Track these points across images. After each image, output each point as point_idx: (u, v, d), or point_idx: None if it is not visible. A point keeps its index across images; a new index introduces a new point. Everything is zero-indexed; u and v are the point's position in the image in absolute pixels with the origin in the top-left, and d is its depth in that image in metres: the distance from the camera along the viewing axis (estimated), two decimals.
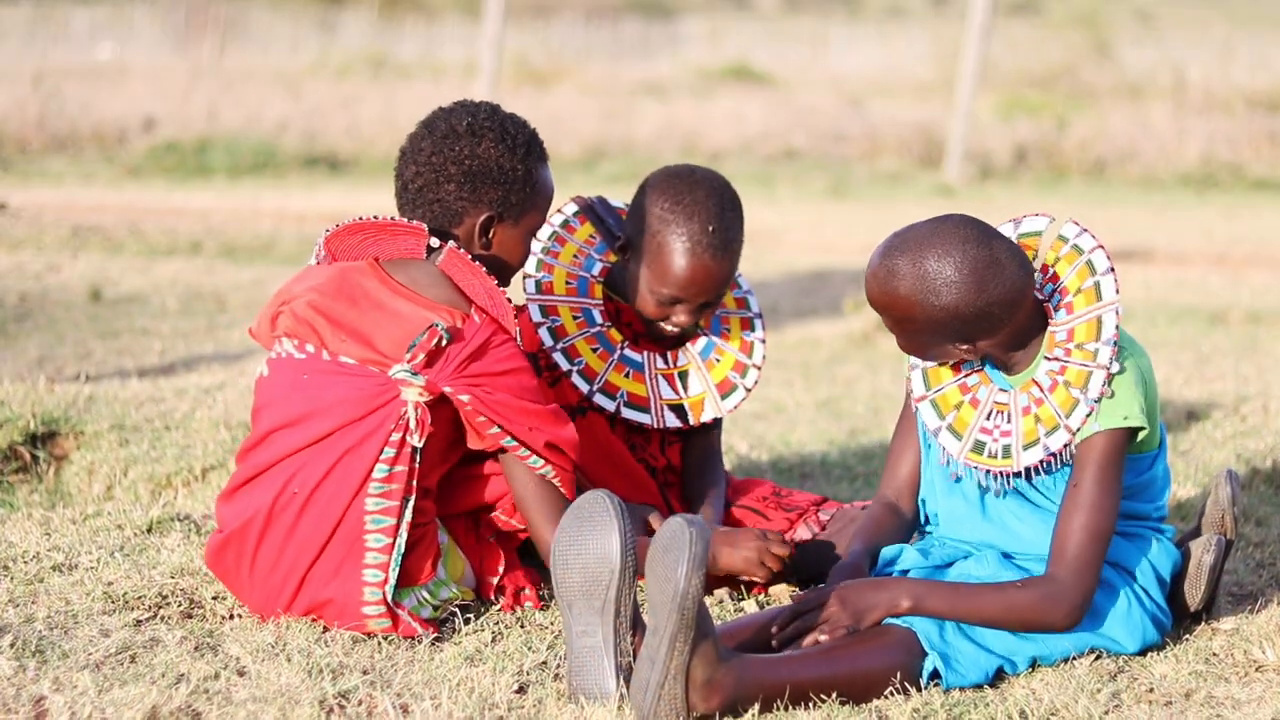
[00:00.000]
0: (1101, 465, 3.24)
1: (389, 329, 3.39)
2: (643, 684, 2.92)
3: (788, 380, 6.49)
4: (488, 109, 3.57)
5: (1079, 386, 3.27)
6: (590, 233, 4.03)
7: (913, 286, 3.21)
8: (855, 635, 3.17)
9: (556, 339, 3.89)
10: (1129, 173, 15.47)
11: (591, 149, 15.12)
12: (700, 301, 3.88)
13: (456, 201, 3.51)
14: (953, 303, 3.20)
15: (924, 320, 3.24)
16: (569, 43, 21.27)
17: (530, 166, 3.55)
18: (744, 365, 4.03)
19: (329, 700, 3.00)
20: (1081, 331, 3.30)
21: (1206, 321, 8.18)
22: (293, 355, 3.44)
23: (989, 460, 3.36)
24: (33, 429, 4.78)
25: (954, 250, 3.19)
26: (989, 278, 3.20)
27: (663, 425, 3.94)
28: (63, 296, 7.68)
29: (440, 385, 3.36)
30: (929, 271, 3.19)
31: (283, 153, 14.21)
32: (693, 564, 2.88)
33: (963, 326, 3.24)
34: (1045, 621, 3.22)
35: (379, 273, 3.47)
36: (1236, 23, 21.57)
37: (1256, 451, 5.06)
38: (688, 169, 3.92)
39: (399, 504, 3.36)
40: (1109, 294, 3.31)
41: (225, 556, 3.44)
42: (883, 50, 21.40)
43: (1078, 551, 3.20)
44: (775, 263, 9.91)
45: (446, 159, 3.50)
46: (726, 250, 3.85)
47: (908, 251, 3.22)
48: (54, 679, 3.03)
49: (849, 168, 15.57)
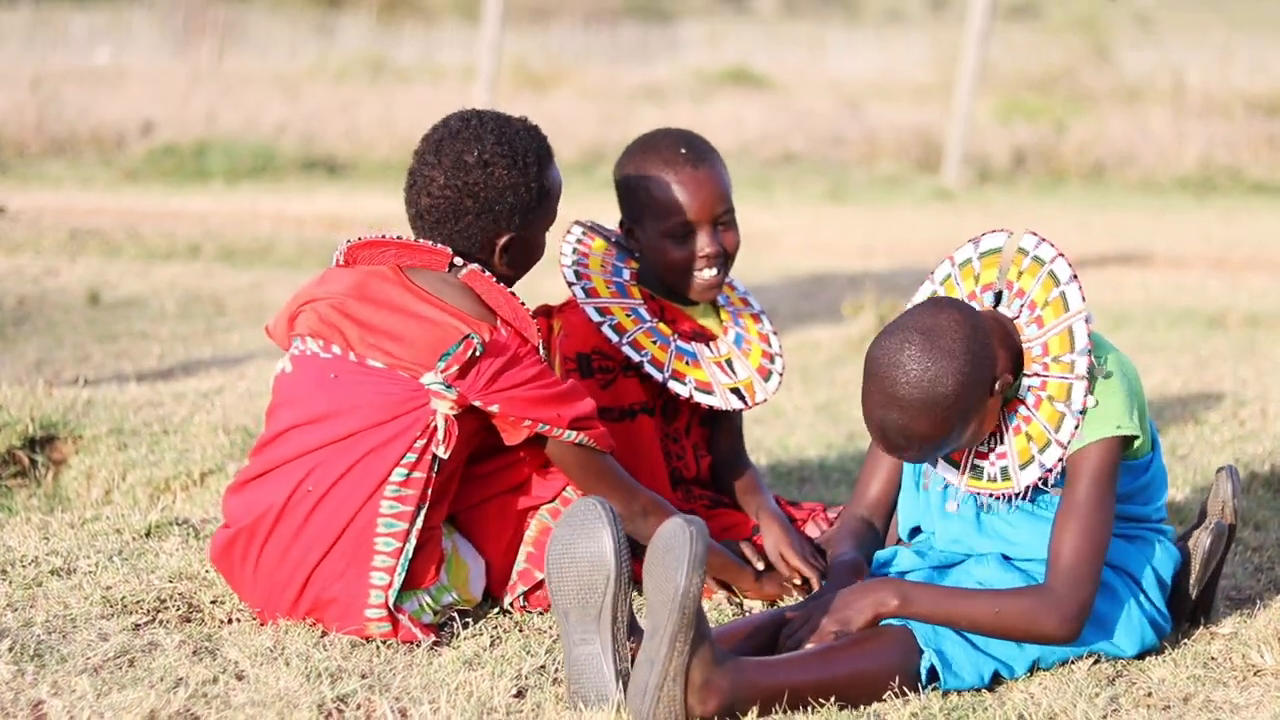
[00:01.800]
0: (1095, 477, 3.23)
1: (417, 334, 3.41)
2: (641, 687, 2.92)
3: (786, 384, 6.49)
4: (493, 132, 3.53)
5: (1062, 400, 3.25)
6: (604, 245, 4.06)
7: (927, 385, 3.14)
8: (851, 637, 3.16)
9: (620, 335, 3.91)
10: (1128, 176, 15.47)
11: (590, 153, 15.11)
12: (710, 216, 3.91)
13: (476, 231, 3.53)
14: (956, 386, 3.15)
15: (943, 418, 3.17)
16: (567, 46, 21.27)
17: (542, 179, 3.57)
18: (770, 353, 4.07)
19: (327, 704, 3.00)
20: (1055, 344, 3.29)
21: (1205, 325, 8.18)
22: (318, 355, 3.45)
23: (989, 484, 3.35)
24: (31, 433, 4.78)
25: (937, 348, 3.15)
26: (980, 355, 3.17)
27: (729, 406, 3.96)
28: (61, 300, 7.68)
29: (471, 398, 3.39)
30: (934, 368, 3.13)
31: (281, 156, 14.21)
32: (693, 564, 2.89)
33: (966, 410, 3.20)
34: (1038, 630, 3.19)
35: (402, 279, 3.48)
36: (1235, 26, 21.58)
37: (1255, 455, 5.06)
38: (643, 133, 4.04)
39: (413, 509, 3.37)
40: (1075, 302, 3.29)
41: (231, 552, 3.44)
42: (881, 54, 21.41)
43: (1074, 561, 3.19)
44: (773, 266, 9.91)
45: (461, 193, 3.50)
46: (705, 158, 3.92)
47: (901, 377, 3.15)
48: (52, 683, 3.03)
49: (847, 171, 15.57)
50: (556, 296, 4.12)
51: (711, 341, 4.04)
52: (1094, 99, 18.15)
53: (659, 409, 3.99)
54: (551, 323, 3.95)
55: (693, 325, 4.03)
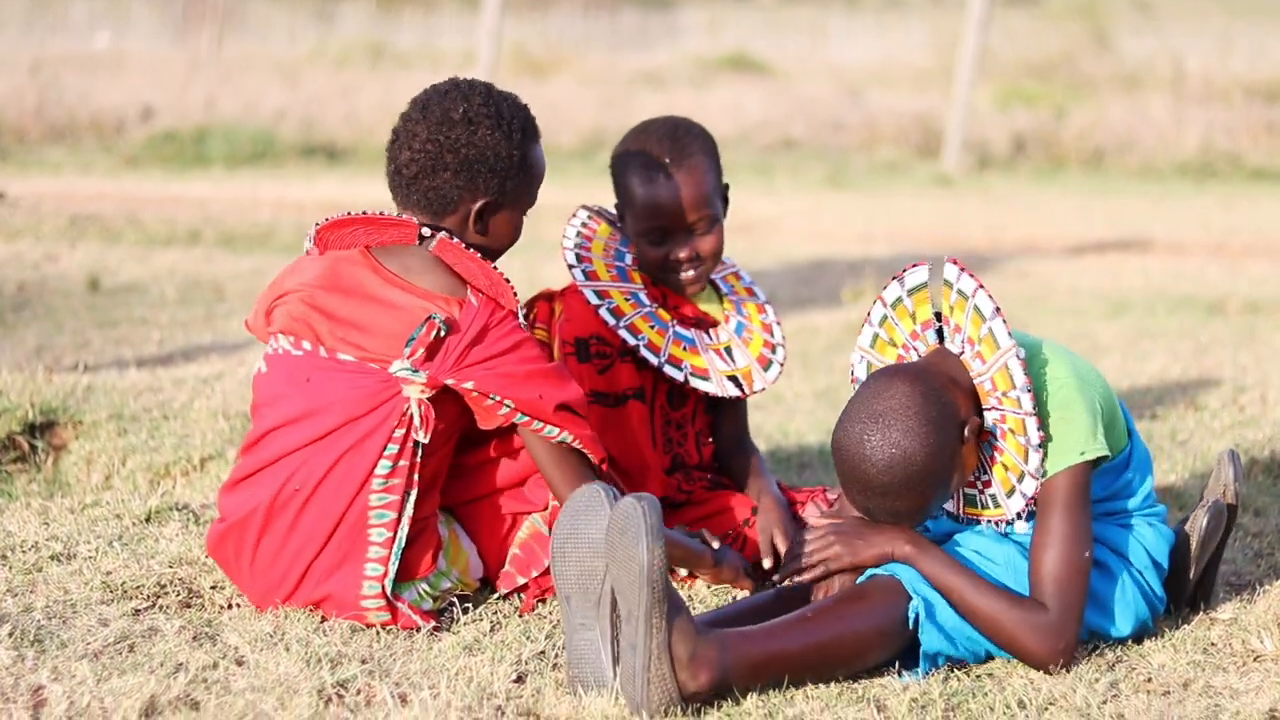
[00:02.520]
0: (1066, 504, 3.20)
1: (385, 322, 3.37)
2: (630, 672, 2.92)
3: (785, 370, 6.49)
4: (482, 93, 3.52)
5: (1021, 434, 3.23)
6: (609, 230, 4.05)
7: (899, 468, 3.13)
8: (835, 596, 3.16)
9: (617, 318, 3.90)
10: (1127, 163, 15.47)
11: (590, 139, 15.11)
12: (684, 224, 3.88)
13: (452, 190, 3.49)
14: (926, 458, 3.14)
15: (922, 487, 3.17)
16: (567, 32, 21.25)
17: (525, 150, 3.53)
18: (772, 343, 4.06)
19: (327, 689, 3.00)
20: (1000, 381, 3.25)
21: (1205, 311, 8.18)
22: (289, 352, 3.43)
23: (984, 511, 3.35)
24: (31, 419, 4.78)
25: (896, 429, 3.14)
26: (940, 418, 3.16)
27: (725, 393, 3.95)
28: (61, 286, 7.68)
29: (442, 379, 3.35)
30: (899, 451, 3.12)
31: (281, 142, 14.20)
32: (651, 536, 2.88)
33: (944, 472, 3.19)
34: (1021, 646, 3.16)
35: (370, 261, 3.44)
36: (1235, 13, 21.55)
37: (1255, 441, 5.06)
38: (643, 120, 4.00)
39: (400, 498, 3.36)
40: (1004, 340, 3.23)
41: (225, 546, 3.44)
42: (881, 40, 21.39)
43: (1059, 589, 3.16)
44: (773, 252, 9.91)
45: (442, 147, 3.47)
46: (684, 163, 3.86)
47: (872, 449, 3.14)
48: (52, 668, 3.03)
49: (847, 157, 15.56)
50: (559, 282, 4.11)
51: (712, 329, 4.03)
52: (1094, 85, 18.14)
53: (665, 395, 3.99)
54: (553, 306, 3.94)
55: (695, 311, 4.03)
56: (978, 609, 3.18)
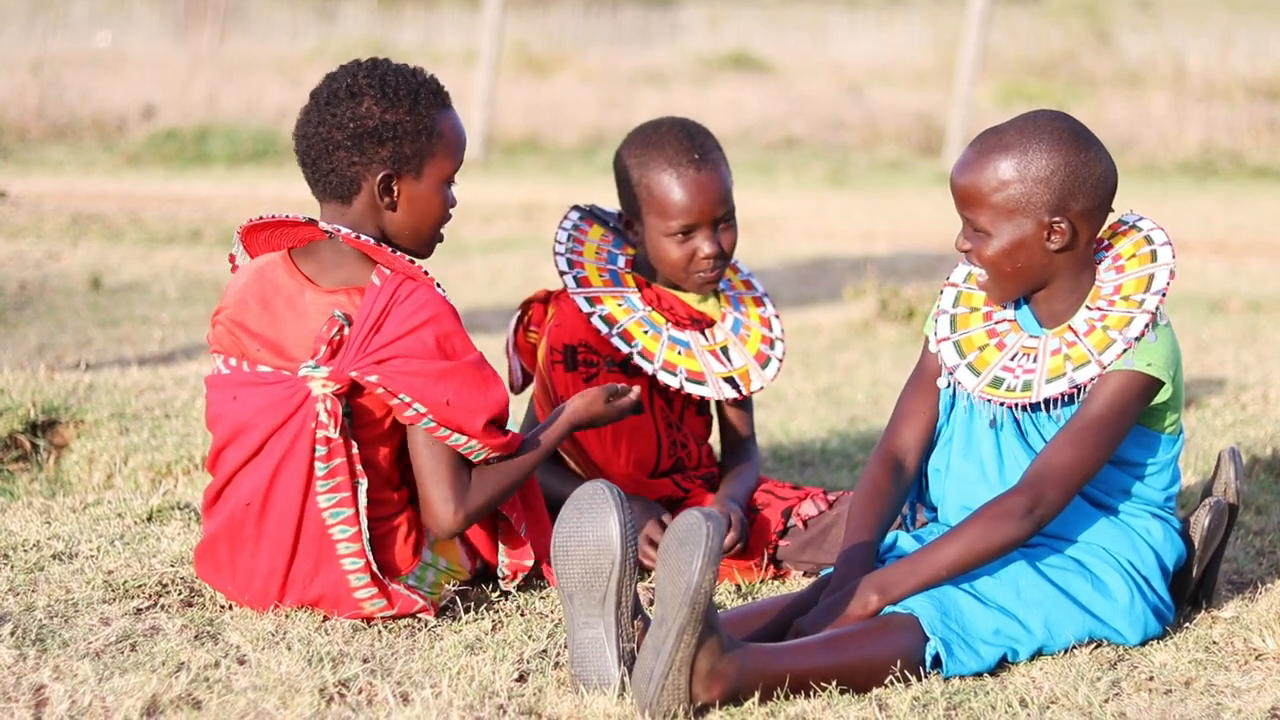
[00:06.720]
0: (1110, 402, 3.23)
1: (296, 328, 3.37)
2: (646, 673, 2.92)
3: (787, 368, 6.49)
4: (369, 65, 3.46)
5: (1118, 329, 3.26)
6: (602, 232, 4.05)
7: (1014, 143, 3.25)
8: (859, 625, 3.16)
9: (610, 326, 3.90)
10: (1128, 161, 15.47)
11: (591, 137, 15.11)
12: (711, 219, 3.92)
13: (349, 168, 3.42)
14: (1054, 161, 3.23)
15: (1023, 185, 3.25)
16: (569, 30, 21.26)
17: (420, 115, 3.44)
18: (770, 339, 4.06)
19: (329, 688, 3.00)
20: (1130, 286, 3.30)
21: (1206, 309, 8.18)
22: (221, 371, 3.46)
23: (1006, 393, 3.33)
24: (33, 417, 4.78)
25: (1049, 121, 3.27)
26: (1085, 141, 3.26)
27: (721, 396, 3.96)
28: (63, 284, 7.68)
29: (346, 371, 3.32)
30: (1028, 131, 3.25)
31: (282, 140, 14.20)
32: (708, 559, 2.88)
33: (1061, 190, 3.25)
34: (1006, 541, 3.20)
35: (289, 265, 3.44)
36: (1236, 10, 21.55)
37: (1257, 439, 5.06)
38: (645, 123, 4.01)
39: (350, 494, 3.34)
40: (1165, 257, 3.32)
41: (206, 562, 3.45)
42: (882, 38, 21.40)
43: (1052, 477, 3.20)
44: (775, 250, 9.91)
45: (331, 126, 3.42)
46: (708, 158, 3.92)
47: (1003, 128, 3.29)
48: (54, 667, 3.03)
49: (848, 155, 15.56)
50: (558, 282, 4.10)
51: (708, 329, 4.03)
52: (1094, 83, 18.14)
53: (663, 400, 3.99)
54: (547, 308, 3.94)
55: (690, 311, 4.02)
56: (956, 561, 3.20)
